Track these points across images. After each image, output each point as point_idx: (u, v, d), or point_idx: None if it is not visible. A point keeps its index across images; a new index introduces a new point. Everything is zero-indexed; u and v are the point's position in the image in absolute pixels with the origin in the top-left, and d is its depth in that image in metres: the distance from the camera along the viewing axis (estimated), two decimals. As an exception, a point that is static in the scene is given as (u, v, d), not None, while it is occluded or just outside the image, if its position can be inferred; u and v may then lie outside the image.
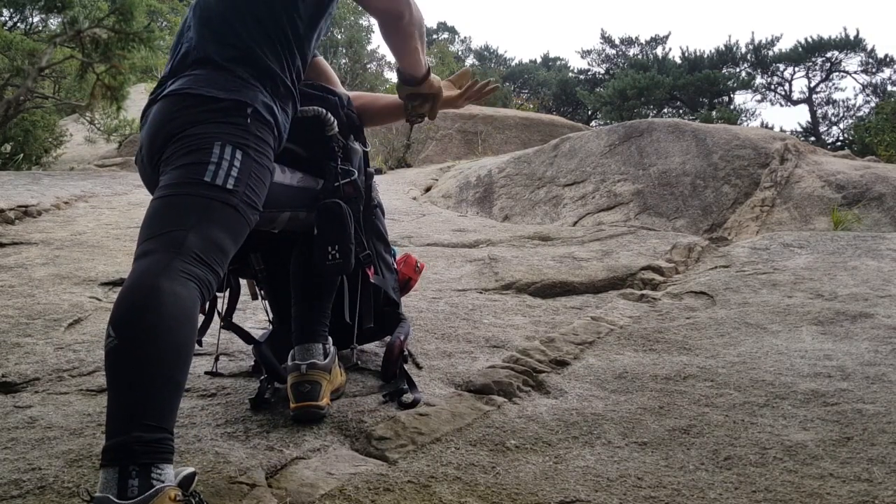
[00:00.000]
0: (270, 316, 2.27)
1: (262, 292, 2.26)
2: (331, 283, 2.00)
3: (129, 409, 1.28)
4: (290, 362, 1.89)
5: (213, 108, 1.60)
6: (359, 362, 2.22)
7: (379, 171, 8.74)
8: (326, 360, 1.89)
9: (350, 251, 1.89)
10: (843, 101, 27.85)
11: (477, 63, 27.17)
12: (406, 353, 2.18)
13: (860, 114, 22.37)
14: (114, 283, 3.15)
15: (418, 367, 2.28)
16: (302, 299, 1.98)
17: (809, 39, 22.31)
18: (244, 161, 1.58)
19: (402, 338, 2.15)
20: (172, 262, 1.40)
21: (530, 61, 28.65)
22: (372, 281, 2.13)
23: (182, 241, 1.44)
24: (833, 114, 23.76)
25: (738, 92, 22.75)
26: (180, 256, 1.42)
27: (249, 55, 1.69)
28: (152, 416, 1.28)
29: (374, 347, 2.46)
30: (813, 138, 21.61)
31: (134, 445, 1.23)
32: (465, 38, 30.18)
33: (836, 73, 23.24)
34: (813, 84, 23.43)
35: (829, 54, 22.56)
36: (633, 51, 25.87)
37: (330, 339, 1.98)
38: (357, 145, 2.08)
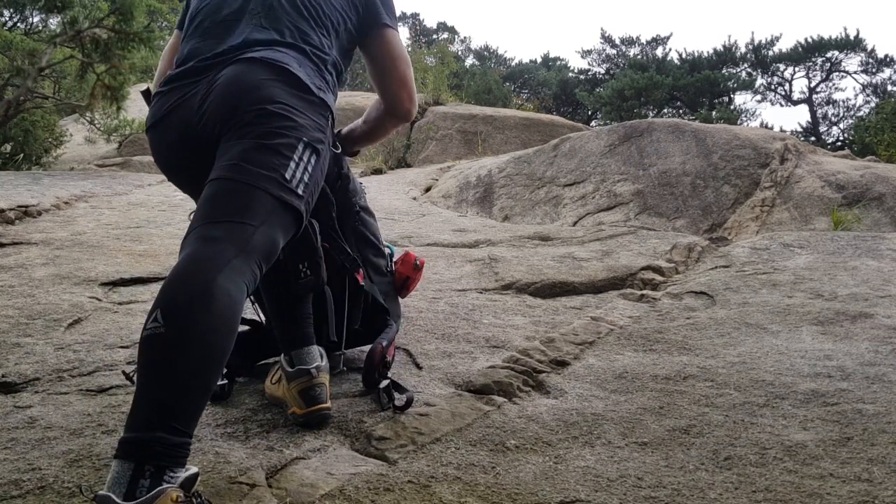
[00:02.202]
0: (262, 315, 2.22)
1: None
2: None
3: (158, 408, 1.26)
4: (289, 368, 1.84)
5: (305, 98, 1.59)
6: (345, 368, 2.17)
7: (379, 171, 8.74)
8: (325, 362, 1.89)
9: (319, 265, 1.86)
10: (843, 102, 27.87)
11: (477, 63, 27.17)
12: (389, 359, 2.09)
13: (860, 114, 22.37)
14: (114, 283, 3.15)
15: (418, 367, 2.28)
16: (288, 305, 1.93)
17: (809, 39, 22.32)
18: (315, 166, 1.59)
19: (383, 343, 2.06)
20: (235, 261, 1.38)
21: (530, 61, 28.68)
22: (361, 284, 2.12)
23: (249, 238, 1.42)
24: (833, 114, 23.77)
25: (738, 92, 22.76)
26: (244, 255, 1.41)
27: (332, 59, 1.76)
28: (181, 419, 1.27)
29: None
30: (813, 138, 21.62)
31: (156, 446, 1.22)
32: (465, 38, 30.20)
33: (836, 73, 23.26)
34: (813, 84, 23.44)
35: (829, 54, 22.56)
36: (633, 51, 25.88)
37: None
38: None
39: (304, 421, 1.80)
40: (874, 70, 22.40)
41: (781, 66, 23.41)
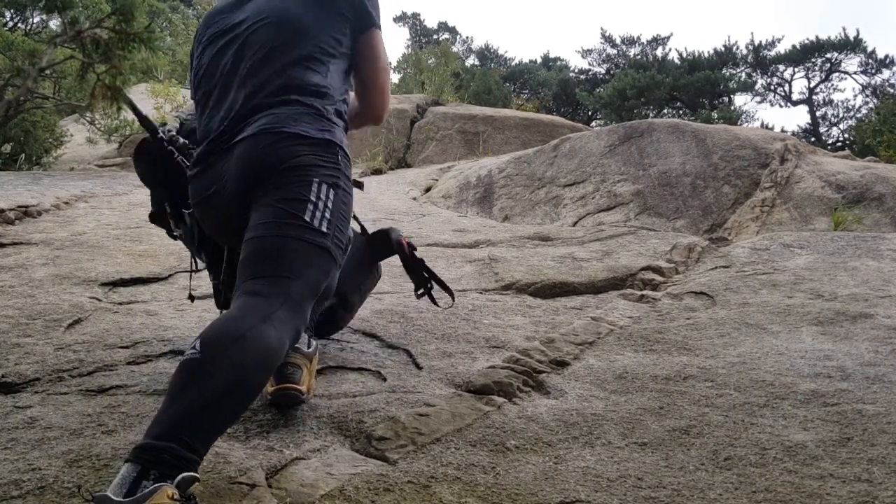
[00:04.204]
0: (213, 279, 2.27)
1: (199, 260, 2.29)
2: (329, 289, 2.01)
3: (176, 421, 1.32)
4: None
5: (308, 144, 1.70)
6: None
7: (379, 172, 8.75)
8: (310, 350, 1.92)
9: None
10: (843, 102, 27.86)
11: (477, 63, 27.17)
12: (412, 248, 2.28)
13: (860, 115, 22.37)
14: (114, 283, 3.15)
15: (418, 367, 2.28)
16: None
17: (809, 40, 22.33)
18: (335, 201, 1.70)
19: (399, 237, 2.28)
20: (278, 312, 1.51)
21: (530, 61, 28.65)
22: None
23: (288, 289, 1.57)
24: (833, 114, 23.76)
25: (738, 93, 22.75)
26: (286, 306, 1.54)
27: (325, 91, 1.81)
28: (194, 436, 1.32)
29: (373, 348, 2.46)
30: (813, 139, 21.61)
31: (165, 454, 1.27)
32: (465, 38, 30.12)
33: (836, 74, 23.25)
34: (812, 85, 23.44)
35: (828, 55, 22.55)
36: (633, 51, 25.87)
37: (313, 334, 2.02)
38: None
39: (272, 399, 1.84)
40: (874, 71, 22.39)
41: (781, 67, 23.41)
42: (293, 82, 1.79)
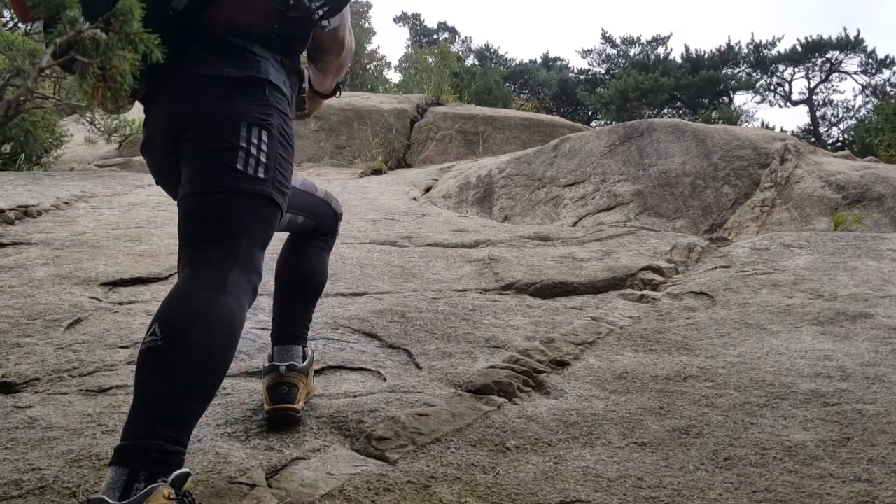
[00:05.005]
0: None
1: None
2: (318, 286, 2.00)
3: (156, 416, 1.29)
4: (266, 363, 1.88)
5: (230, 86, 1.53)
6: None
7: (379, 172, 8.75)
8: (304, 364, 1.89)
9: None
10: (843, 102, 27.85)
11: (477, 63, 27.16)
12: None
13: (860, 115, 22.37)
14: (114, 283, 3.15)
15: (418, 367, 2.28)
16: (285, 300, 1.96)
17: (809, 40, 22.32)
18: (270, 143, 1.53)
19: None
20: (231, 276, 1.42)
21: (530, 61, 28.62)
22: None
23: (238, 251, 1.45)
24: (833, 114, 23.75)
25: (738, 92, 22.75)
26: (237, 268, 1.44)
27: (257, 27, 1.59)
28: (176, 428, 1.29)
29: (373, 348, 2.46)
30: (813, 139, 21.60)
31: (152, 453, 1.25)
32: (465, 38, 30.08)
33: (836, 74, 23.25)
34: (812, 85, 23.44)
35: (828, 55, 22.55)
36: (634, 51, 25.86)
37: (309, 343, 1.98)
38: None
39: (267, 417, 1.81)
40: (874, 71, 22.39)
41: (781, 67, 23.41)
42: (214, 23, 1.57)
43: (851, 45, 21.92)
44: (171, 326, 1.34)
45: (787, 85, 23.81)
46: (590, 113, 24.23)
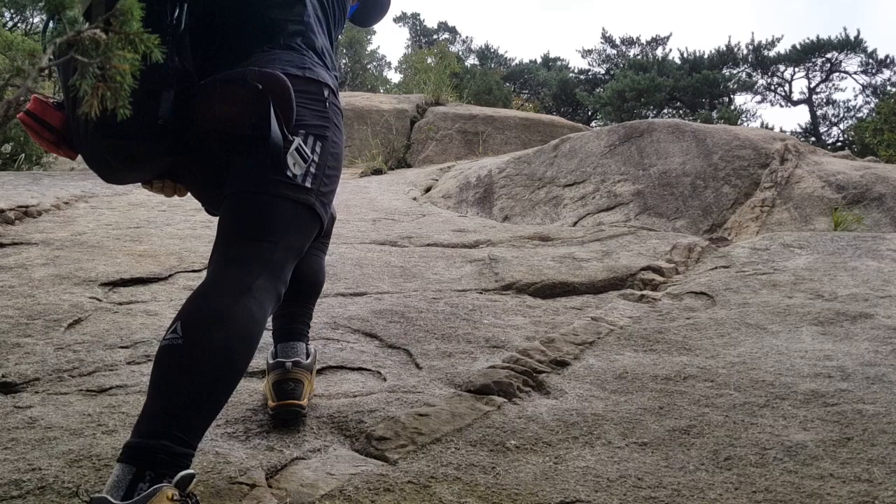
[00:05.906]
0: None
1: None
2: (317, 286, 2.00)
3: (167, 416, 1.28)
4: (270, 360, 1.88)
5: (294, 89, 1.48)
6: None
7: (379, 172, 8.74)
8: (309, 360, 1.89)
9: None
10: (843, 102, 27.85)
11: (477, 63, 27.16)
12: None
13: (860, 115, 22.37)
14: (114, 284, 3.15)
15: (418, 367, 2.28)
16: (285, 300, 1.94)
17: (809, 40, 22.33)
18: (322, 154, 1.52)
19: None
20: (258, 281, 1.40)
21: (530, 61, 28.62)
22: None
23: (270, 256, 1.44)
24: (833, 114, 23.75)
25: (738, 93, 22.75)
26: (266, 274, 1.42)
27: (307, 31, 1.61)
28: (187, 430, 1.28)
29: (373, 348, 2.46)
30: (813, 139, 21.60)
31: (160, 454, 1.24)
32: (465, 38, 30.08)
33: (836, 74, 23.25)
34: (813, 85, 23.44)
35: (828, 55, 22.55)
36: (633, 51, 25.87)
37: (311, 340, 1.98)
38: None
39: (273, 414, 1.81)
40: (874, 71, 22.39)
41: (781, 67, 23.41)
42: (271, 25, 1.59)
43: (851, 45, 21.92)
44: (191, 325, 1.33)
45: (787, 85, 23.81)
46: (589, 113, 24.24)
